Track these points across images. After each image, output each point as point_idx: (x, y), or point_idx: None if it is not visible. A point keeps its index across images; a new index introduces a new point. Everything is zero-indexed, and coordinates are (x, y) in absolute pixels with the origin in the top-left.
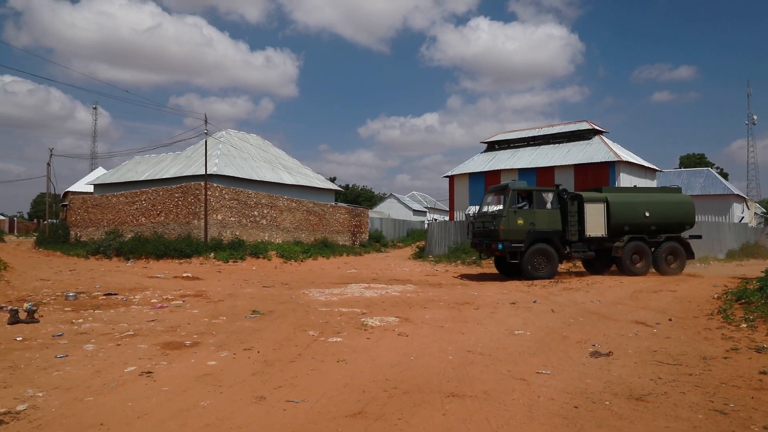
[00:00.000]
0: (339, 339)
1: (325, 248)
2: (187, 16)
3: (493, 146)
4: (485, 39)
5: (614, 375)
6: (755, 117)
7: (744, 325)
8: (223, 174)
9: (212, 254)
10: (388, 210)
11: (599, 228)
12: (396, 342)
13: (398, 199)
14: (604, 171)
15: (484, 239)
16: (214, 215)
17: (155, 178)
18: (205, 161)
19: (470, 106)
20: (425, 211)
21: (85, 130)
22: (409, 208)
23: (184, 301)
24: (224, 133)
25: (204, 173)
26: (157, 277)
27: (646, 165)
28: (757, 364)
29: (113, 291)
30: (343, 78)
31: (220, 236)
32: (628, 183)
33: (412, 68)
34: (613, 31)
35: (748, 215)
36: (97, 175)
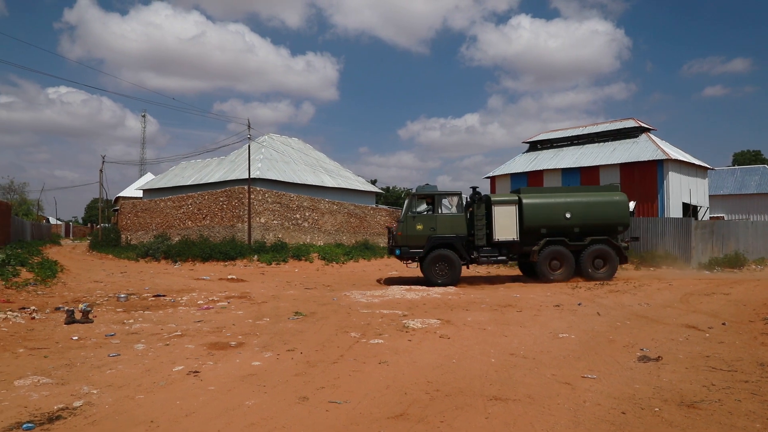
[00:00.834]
0: (380, 341)
1: (366, 250)
2: (230, 24)
3: (535, 146)
4: (527, 37)
5: (664, 381)
6: None
7: None
8: (265, 178)
9: (255, 256)
10: None
11: (510, 231)
12: (437, 344)
13: None
14: (651, 170)
15: (391, 243)
16: (257, 218)
17: (201, 183)
18: (249, 165)
19: (511, 106)
20: None
21: (134, 137)
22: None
23: (229, 302)
24: (266, 137)
25: (248, 177)
26: (203, 279)
27: (696, 163)
28: None
29: (162, 292)
30: (382, 80)
31: (263, 239)
32: (677, 182)
33: (452, 69)
34: (662, 24)
35: None
36: (146, 180)
